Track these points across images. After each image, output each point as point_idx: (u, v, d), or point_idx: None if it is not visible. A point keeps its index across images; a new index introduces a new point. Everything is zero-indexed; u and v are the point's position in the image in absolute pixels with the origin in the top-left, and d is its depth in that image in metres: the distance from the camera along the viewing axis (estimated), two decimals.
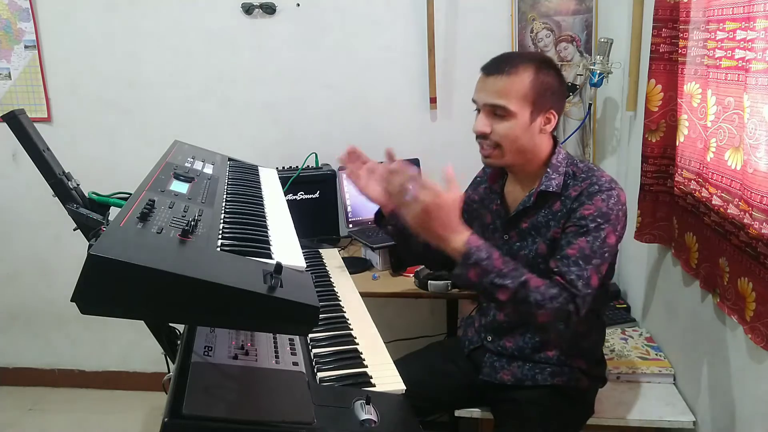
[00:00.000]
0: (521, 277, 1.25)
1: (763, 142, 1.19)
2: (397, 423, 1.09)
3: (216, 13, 2.40)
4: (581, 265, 1.30)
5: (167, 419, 0.90)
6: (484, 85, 1.39)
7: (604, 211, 1.33)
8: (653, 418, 1.66)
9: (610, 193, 1.35)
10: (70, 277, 0.82)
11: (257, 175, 1.65)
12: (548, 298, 1.25)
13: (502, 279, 1.25)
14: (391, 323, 2.15)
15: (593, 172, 1.41)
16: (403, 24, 2.35)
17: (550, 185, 1.41)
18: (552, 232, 1.40)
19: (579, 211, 1.35)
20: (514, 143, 1.38)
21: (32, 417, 2.64)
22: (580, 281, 1.28)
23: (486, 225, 1.58)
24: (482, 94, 1.39)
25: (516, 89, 1.35)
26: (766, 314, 1.24)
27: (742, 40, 1.31)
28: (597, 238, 1.32)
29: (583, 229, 1.33)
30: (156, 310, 0.87)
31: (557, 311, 1.25)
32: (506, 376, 1.53)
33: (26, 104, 2.52)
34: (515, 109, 1.35)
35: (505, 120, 1.36)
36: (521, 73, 1.35)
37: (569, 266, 1.30)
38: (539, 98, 1.36)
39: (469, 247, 1.25)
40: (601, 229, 1.32)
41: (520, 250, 1.47)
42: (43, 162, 1.22)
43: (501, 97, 1.35)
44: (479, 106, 1.41)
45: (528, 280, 1.26)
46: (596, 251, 1.31)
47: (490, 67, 1.39)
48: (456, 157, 2.38)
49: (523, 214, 1.46)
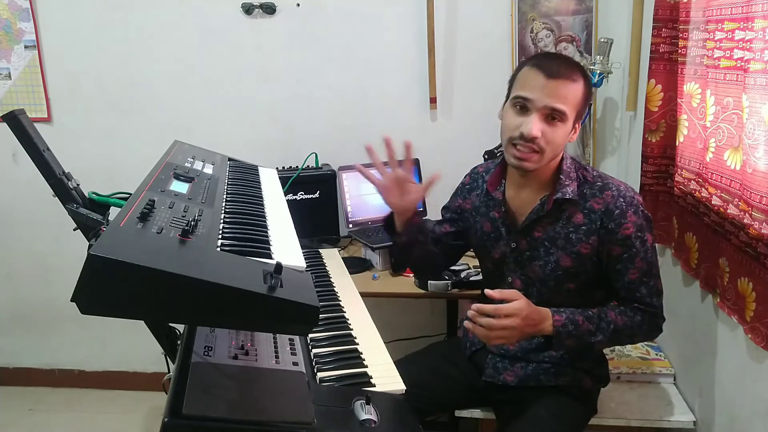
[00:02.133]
0: (609, 327, 1.39)
1: (762, 142, 1.19)
2: (397, 423, 1.09)
3: (216, 13, 2.40)
4: (646, 282, 1.40)
5: (167, 419, 0.90)
6: (547, 86, 1.32)
7: (639, 224, 1.39)
8: (653, 418, 1.66)
9: (636, 202, 1.40)
10: (70, 277, 0.82)
11: (257, 175, 1.65)
12: (637, 327, 1.41)
13: (594, 337, 1.39)
14: (391, 323, 2.15)
15: (604, 179, 1.43)
16: (403, 24, 2.35)
17: (566, 192, 1.40)
18: (579, 246, 1.41)
19: (619, 232, 1.38)
20: (555, 150, 1.38)
21: (32, 417, 2.64)
22: (654, 298, 1.41)
23: (486, 233, 1.55)
24: (543, 95, 1.32)
25: (574, 96, 1.35)
26: (766, 314, 1.24)
27: (740, 40, 1.31)
28: (647, 252, 1.40)
29: (632, 250, 1.39)
30: (156, 310, 0.87)
31: (649, 332, 1.45)
32: (509, 377, 1.53)
33: (26, 104, 2.51)
34: (569, 116, 1.35)
35: (557, 126, 1.35)
36: (579, 81, 1.35)
37: (639, 290, 1.40)
38: (582, 108, 1.39)
39: (557, 328, 1.36)
40: (645, 241, 1.40)
41: (533, 260, 1.46)
42: (43, 162, 1.22)
43: (565, 103, 1.33)
44: (532, 107, 1.34)
45: (616, 324, 1.39)
46: (651, 261, 1.41)
47: (554, 69, 1.33)
48: (456, 157, 2.40)
49: (536, 223, 1.45)
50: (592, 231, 1.40)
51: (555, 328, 1.36)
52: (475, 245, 1.61)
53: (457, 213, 1.65)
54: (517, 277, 1.49)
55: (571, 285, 1.45)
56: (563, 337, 1.37)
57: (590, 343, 1.39)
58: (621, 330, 1.39)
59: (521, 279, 1.48)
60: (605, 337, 1.39)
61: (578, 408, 1.53)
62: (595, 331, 1.38)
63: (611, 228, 1.38)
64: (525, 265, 1.47)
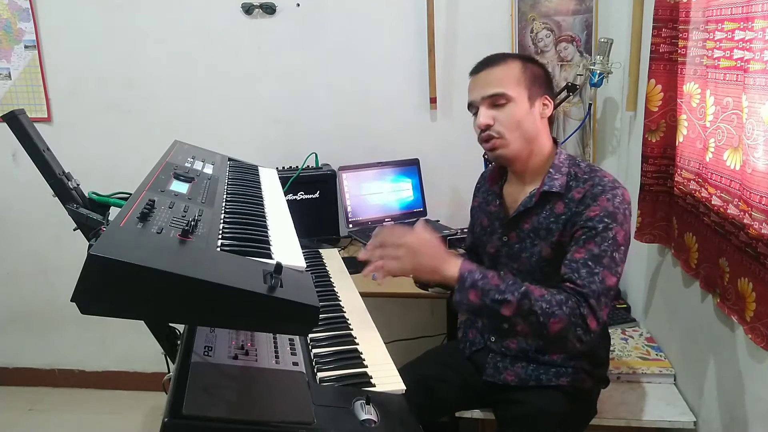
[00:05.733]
0: (521, 288, 1.24)
1: (761, 143, 1.19)
2: (397, 423, 1.09)
3: (216, 13, 2.40)
4: (591, 266, 1.27)
5: (167, 419, 0.90)
6: (477, 82, 1.43)
7: (611, 211, 1.31)
8: (654, 419, 1.66)
9: (615, 192, 1.34)
10: (70, 277, 0.82)
11: (257, 175, 1.65)
12: (555, 304, 1.22)
13: (501, 294, 1.23)
14: (391, 323, 2.15)
15: (595, 173, 1.40)
16: (403, 24, 2.35)
17: (553, 185, 1.40)
18: (557, 235, 1.39)
19: (585, 213, 1.33)
20: (519, 128, 1.39)
21: (32, 417, 2.64)
22: (592, 282, 1.25)
23: (484, 228, 1.57)
24: (477, 90, 1.42)
25: (509, 75, 1.40)
26: (766, 314, 1.24)
27: (740, 41, 1.31)
28: (606, 239, 1.29)
29: (591, 231, 1.30)
30: (156, 310, 0.87)
31: (569, 316, 1.22)
32: (510, 377, 1.53)
33: (26, 104, 2.52)
34: (513, 94, 1.39)
35: (506, 107, 1.39)
36: (510, 63, 1.42)
37: (578, 270, 1.28)
38: (532, 84, 1.41)
39: (463, 272, 1.25)
40: (609, 228, 1.30)
41: (521, 252, 1.46)
42: (43, 162, 1.22)
43: (497, 86, 1.39)
44: (477, 104, 1.42)
45: (530, 290, 1.24)
46: (606, 250, 1.28)
47: (478, 66, 1.44)
48: (456, 157, 2.40)
49: (525, 215, 1.45)
50: (568, 218, 1.37)
51: (461, 270, 1.25)
52: (477, 242, 1.62)
53: (472, 215, 1.68)
54: (510, 271, 1.49)
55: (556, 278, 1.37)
56: (467, 284, 1.24)
57: (496, 303, 1.22)
58: (534, 299, 1.22)
59: (513, 272, 1.48)
60: (514, 298, 1.22)
61: (578, 409, 1.53)
62: (505, 288, 1.23)
63: (579, 210, 1.35)
64: (515, 258, 1.47)
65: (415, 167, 2.40)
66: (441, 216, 2.40)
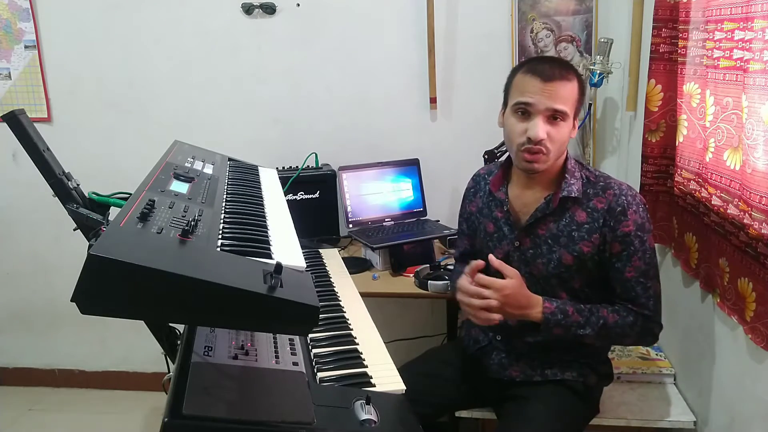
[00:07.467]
0: (599, 322, 1.40)
1: (761, 143, 1.19)
2: (397, 423, 1.09)
3: (216, 13, 2.40)
4: (643, 282, 1.41)
5: (167, 419, 0.90)
6: (546, 89, 1.36)
7: (640, 223, 1.41)
8: (653, 418, 1.66)
9: (637, 201, 1.42)
10: (70, 277, 0.82)
11: (257, 175, 1.65)
12: (628, 327, 1.41)
13: (583, 329, 1.40)
14: (391, 323, 2.15)
15: (606, 179, 1.46)
16: (403, 24, 2.35)
17: (572, 190, 1.43)
18: (581, 244, 1.42)
19: (619, 229, 1.40)
20: (560, 148, 1.42)
21: (32, 417, 2.64)
22: (650, 300, 1.42)
23: (489, 234, 1.55)
24: (543, 98, 1.36)
25: (571, 95, 1.39)
26: (766, 314, 1.24)
27: (740, 41, 1.31)
28: (645, 252, 1.41)
29: (631, 248, 1.40)
30: (156, 310, 0.87)
31: (640, 335, 1.44)
32: (515, 373, 1.54)
33: (26, 104, 2.52)
34: (570, 114, 1.40)
35: (560, 124, 1.39)
36: (573, 80, 1.40)
37: (634, 288, 1.41)
38: (579, 105, 1.43)
39: (546, 315, 1.39)
40: (644, 241, 1.41)
41: (537, 258, 1.47)
42: (43, 162, 1.22)
43: (564, 103, 1.37)
44: (535, 111, 1.37)
45: (606, 321, 1.41)
46: (650, 263, 1.42)
47: (549, 73, 1.37)
48: (456, 157, 2.40)
49: (541, 221, 1.46)
50: (594, 229, 1.42)
51: (544, 314, 1.39)
52: (480, 246, 1.61)
53: (464, 217, 1.67)
54: (523, 275, 1.49)
55: (573, 283, 1.46)
56: (551, 324, 1.39)
57: (578, 336, 1.41)
58: (610, 328, 1.41)
59: (525, 276, 1.48)
60: (594, 331, 1.40)
61: (580, 407, 1.53)
62: (584, 324, 1.40)
63: (613, 225, 1.41)
64: (529, 262, 1.48)
65: (415, 167, 2.40)
66: (441, 216, 2.40)
